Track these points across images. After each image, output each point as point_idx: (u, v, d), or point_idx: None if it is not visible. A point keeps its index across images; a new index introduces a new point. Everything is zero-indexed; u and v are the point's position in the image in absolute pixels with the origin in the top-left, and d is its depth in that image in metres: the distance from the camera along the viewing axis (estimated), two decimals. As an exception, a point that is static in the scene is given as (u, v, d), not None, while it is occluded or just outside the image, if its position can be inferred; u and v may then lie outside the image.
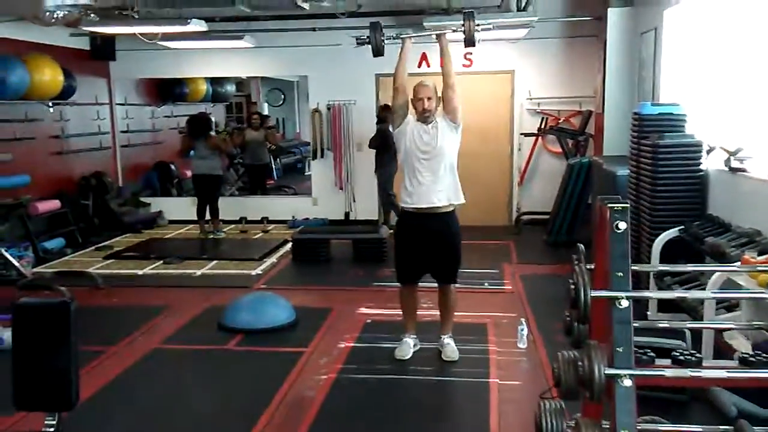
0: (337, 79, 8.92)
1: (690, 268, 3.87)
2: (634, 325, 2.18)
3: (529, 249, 7.57)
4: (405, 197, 4.26)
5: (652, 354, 2.37)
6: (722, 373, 2.11)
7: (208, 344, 4.75)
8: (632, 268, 2.21)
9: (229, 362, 4.48)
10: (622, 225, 2.15)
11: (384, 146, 8.12)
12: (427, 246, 4.25)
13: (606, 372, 2.09)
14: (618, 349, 2.11)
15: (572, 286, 2.22)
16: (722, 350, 3.75)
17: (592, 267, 2.41)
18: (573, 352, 2.67)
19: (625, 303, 2.11)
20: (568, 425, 2.62)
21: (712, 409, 3.43)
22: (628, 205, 2.18)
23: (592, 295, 2.13)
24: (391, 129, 7.96)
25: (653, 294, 3.40)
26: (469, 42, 4.19)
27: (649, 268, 3.96)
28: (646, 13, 6.80)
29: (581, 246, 2.52)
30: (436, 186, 4.15)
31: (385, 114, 8.13)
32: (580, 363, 2.14)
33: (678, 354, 2.28)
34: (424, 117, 4.18)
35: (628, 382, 2.07)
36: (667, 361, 2.33)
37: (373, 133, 8.28)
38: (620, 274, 2.14)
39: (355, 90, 8.91)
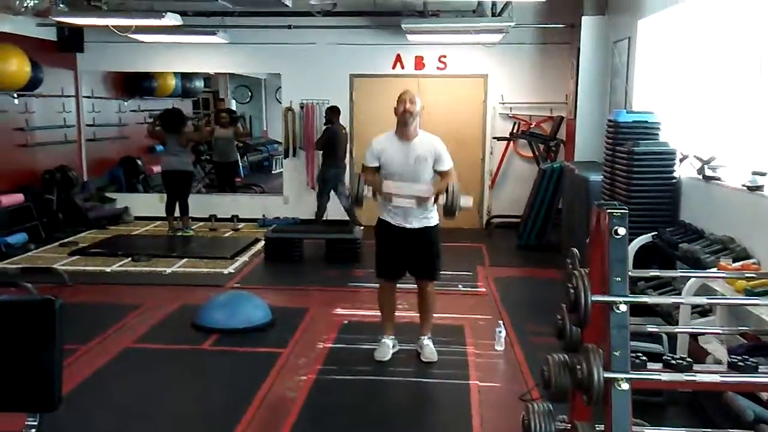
0: (310, 78, 8.88)
1: (676, 273, 3.92)
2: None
3: (501, 252, 7.63)
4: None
5: (644, 358, 2.42)
6: (715, 378, 2.16)
7: (183, 344, 4.66)
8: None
9: (205, 362, 4.41)
10: (621, 230, 2.17)
11: (330, 147, 8.09)
12: (407, 241, 4.24)
13: (604, 375, 2.11)
14: (615, 353, 2.14)
15: (572, 290, 2.24)
16: (694, 354, 3.84)
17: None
18: (562, 355, 2.70)
19: (623, 307, 2.13)
20: (557, 428, 2.66)
21: (692, 412, 3.51)
22: (627, 211, 2.21)
23: (592, 299, 2.15)
24: (336, 130, 8.04)
25: (650, 299, 3.44)
26: (449, 212, 4.11)
27: (641, 273, 3.97)
28: (619, 22, 6.93)
29: (575, 250, 2.55)
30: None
31: (331, 116, 8.16)
32: (578, 366, 2.16)
33: (670, 358, 2.32)
34: (404, 119, 4.13)
35: (625, 386, 2.11)
36: (657, 365, 2.38)
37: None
38: (618, 278, 2.17)
39: (328, 89, 8.86)
